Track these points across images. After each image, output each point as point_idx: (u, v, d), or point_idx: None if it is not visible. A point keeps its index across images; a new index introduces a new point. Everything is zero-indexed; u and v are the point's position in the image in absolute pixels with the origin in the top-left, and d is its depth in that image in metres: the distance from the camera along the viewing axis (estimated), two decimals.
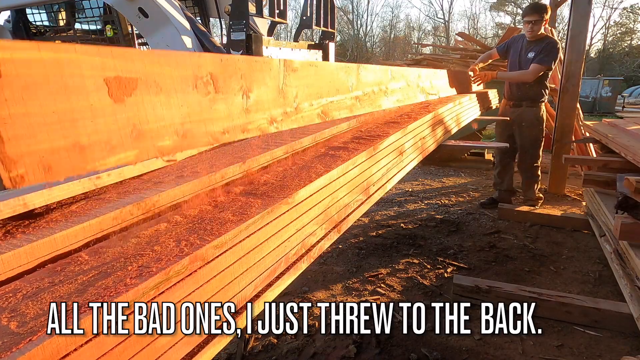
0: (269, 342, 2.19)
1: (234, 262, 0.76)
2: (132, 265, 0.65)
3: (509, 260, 3.13)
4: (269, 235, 0.87)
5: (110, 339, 0.54)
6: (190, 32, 2.96)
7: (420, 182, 5.41)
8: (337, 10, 22.90)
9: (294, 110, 1.04)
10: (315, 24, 3.22)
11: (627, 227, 2.20)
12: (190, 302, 0.67)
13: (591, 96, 15.43)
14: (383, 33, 35.70)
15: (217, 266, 0.72)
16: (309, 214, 1.02)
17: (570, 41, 4.44)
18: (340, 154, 1.33)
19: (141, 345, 0.58)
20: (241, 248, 0.79)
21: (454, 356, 2.10)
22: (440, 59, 6.81)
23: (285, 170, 1.17)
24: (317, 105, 1.16)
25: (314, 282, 2.80)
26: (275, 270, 0.90)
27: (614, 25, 31.44)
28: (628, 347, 2.15)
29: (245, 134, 0.86)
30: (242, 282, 0.79)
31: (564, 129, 4.61)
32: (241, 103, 0.85)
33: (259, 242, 0.84)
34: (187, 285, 0.66)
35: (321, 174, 1.10)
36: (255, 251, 0.83)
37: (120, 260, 0.67)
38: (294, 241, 0.96)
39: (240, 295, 0.78)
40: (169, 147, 0.68)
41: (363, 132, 1.71)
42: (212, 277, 0.71)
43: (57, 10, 3.78)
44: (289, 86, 1.02)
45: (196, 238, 0.73)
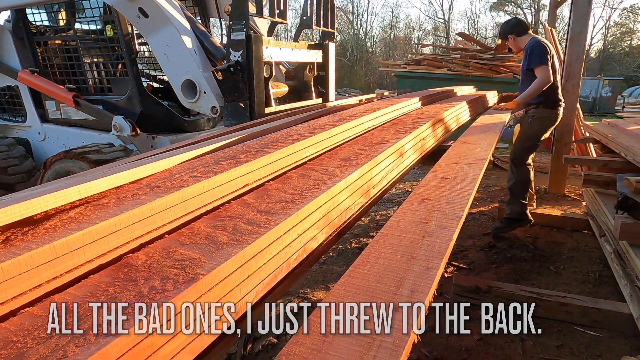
0: (269, 342, 2.19)
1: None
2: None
3: (509, 260, 3.13)
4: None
5: (114, 349, 0.53)
6: (190, 32, 2.96)
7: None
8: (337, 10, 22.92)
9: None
10: (315, 24, 3.22)
11: (627, 227, 2.20)
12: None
13: (591, 96, 15.42)
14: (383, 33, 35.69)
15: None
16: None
17: (570, 41, 4.43)
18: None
19: (144, 356, 0.57)
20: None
21: (454, 356, 2.10)
22: (440, 59, 6.81)
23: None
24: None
25: (314, 282, 2.79)
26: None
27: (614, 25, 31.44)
28: (628, 347, 2.15)
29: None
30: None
31: (564, 129, 4.60)
32: None
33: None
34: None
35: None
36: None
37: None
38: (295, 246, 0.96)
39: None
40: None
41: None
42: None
43: (57, 10, 3.78)
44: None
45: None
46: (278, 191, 1.12)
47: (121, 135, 3.24)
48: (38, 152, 3.89)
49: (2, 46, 3.73)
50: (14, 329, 0.56)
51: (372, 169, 1.43)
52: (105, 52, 3.57)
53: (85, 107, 3.43)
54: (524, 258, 3.15)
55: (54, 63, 3.79)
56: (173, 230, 0.90)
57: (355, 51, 31.79)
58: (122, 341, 0.54)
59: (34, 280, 0.66)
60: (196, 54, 2.92)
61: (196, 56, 2.91)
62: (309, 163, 1.42)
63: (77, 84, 3.63)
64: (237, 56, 2.61)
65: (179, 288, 0.65)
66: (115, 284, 0.67)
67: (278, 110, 2.87)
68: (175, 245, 0.81)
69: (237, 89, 2.66)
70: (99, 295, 0.64)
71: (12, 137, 3.85)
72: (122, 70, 3.50)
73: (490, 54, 6.47)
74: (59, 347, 0.51)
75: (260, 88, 2.71)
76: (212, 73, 2.77)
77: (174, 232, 0.89)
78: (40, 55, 3.77)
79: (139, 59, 3.55)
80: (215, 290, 0.71)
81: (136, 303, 0.60)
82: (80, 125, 3.60)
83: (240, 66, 2.60)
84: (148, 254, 0.77)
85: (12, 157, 3.54)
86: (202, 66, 2.90)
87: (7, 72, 3.73)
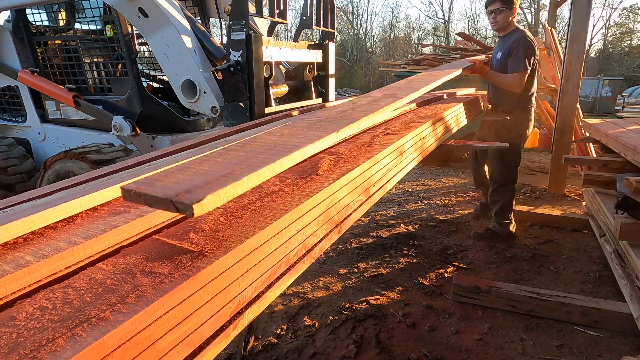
0: (269, 342, 2.19)
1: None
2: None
3: (509, 260, 3.13)
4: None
5: (110, 341, 0.53)
6: (190, 32, 2.96)
7: (420, 182, 5.40)
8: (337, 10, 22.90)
9: None
10: (315, 24, 3.22)
11: (627, 227, 2.20)
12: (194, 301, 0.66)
13: (591, 96, 15.41)
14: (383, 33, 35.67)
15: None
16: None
17: (570, 41, 4.44)
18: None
19: (142, 347, 0.58)
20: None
21: (454, 356, 2.10)
22: (440, 59, 6.80)
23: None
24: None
25: (314, 282, 2.79)
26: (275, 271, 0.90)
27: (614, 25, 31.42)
28: (628, 347, 2.15)
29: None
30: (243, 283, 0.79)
31: (564, 129, 4.61)
32: None
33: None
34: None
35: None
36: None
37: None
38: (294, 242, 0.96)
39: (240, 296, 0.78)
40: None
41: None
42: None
43: (57, 10, 3.79)
44: None
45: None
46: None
47: (121, 135, 3.24)
48: (38, 152, 3.89)
49: (2, 46, 3.74)
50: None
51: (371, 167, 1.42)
52: (105, 52, 3.57)
53: (85, 107, 3.43)
54: (524, 258, 3.15)
55: (54, 63, 3.79)
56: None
57: (355, 51, 31.78)
58: (120, 331, 0.54)
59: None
60: (196, 54, 2.92)
61: (196, 56, 2.91)
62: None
63: (77, 84, 3.63)
64: (237, 56, 2.60)
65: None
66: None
67: (278, 110, 2.87)
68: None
69: (237, 89, 2.66)
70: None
71: (12, 137, 3.85)
72: (122, 70, 3.50)
73: (490, 54, 6.46)
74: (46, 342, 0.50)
75: (260, 88, 2.71)
76: (212, 73, 2.77)
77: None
78: (40, 55, 3.77)
79: (139, 59, 3.55)
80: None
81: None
82: (80, 126, 3.61)
83: (240, 66, 2.60)
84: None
85: (12, 157, 3.55)
86: (202, 66, 2.90)
87: (7, 72, 3.73)
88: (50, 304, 0.59)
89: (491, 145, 2.82)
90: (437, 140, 2.07)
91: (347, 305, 2.52)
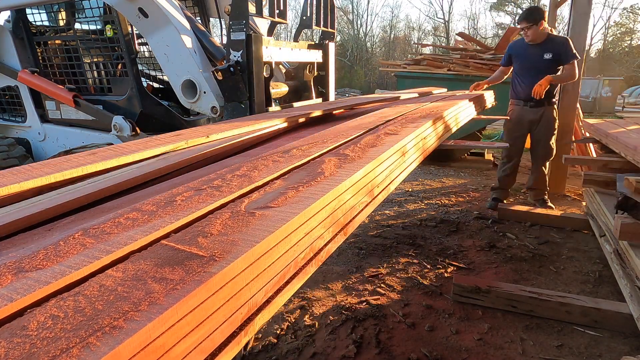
0: (269, 342, 2.19)
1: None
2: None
3: (509, 260, 3.13)
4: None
5: (125, 350, 0.53)
6: (190, 32, 2.96)
7: (420, 182, 5.41)
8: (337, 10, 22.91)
9: None
10: (315, 24, 3.22)
11: (627, 227, 2.20)
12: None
13: (591, 96, 15.43)
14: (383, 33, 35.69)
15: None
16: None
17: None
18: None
19: (156, 356, 0.57)
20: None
21: (454, 356, 2.10)
22: (440, 59, 6.80)
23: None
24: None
25: (314, 282, 2.79)
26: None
27: (614, 25, 31.43)
28: (628, 347, 2.15)
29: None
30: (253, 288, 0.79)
31: (564, 129, 4.61)
32: None
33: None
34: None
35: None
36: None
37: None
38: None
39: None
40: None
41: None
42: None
43: (57, 10, 3.79)
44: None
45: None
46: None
47: (121, 135, 3.24)
48: (38, 152, 3.89)
49: (2, 46, 3.73)
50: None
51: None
52: (105, 52, 3.57)
53: (85, 107, 3.43)
54: (524, 258, 3.16)
55: (54, 63, 3.79)
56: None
57: (355, 51, 31.80)
58: (135, 340, 0.54)
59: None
60: (196, 54, 2.92)
61: (196, 56, 2.91)
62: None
63: (77, 84, 3.63)
64: (237, 56, 2.60)
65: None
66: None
67: (278, 110, 2.87)
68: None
69: (237, 89, 2.66)
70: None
71: (12, 137, 3.85)
72: (122, 70, 3.50)
73: (490, 54, 6.45)
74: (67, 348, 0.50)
75: (260, 88, 2.71)
76: (212, 73, 2.77)
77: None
78: (40, 55, 3.77)
79: (139, 59, 3.55)
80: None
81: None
82: (80, 125, 3.60)
83: (240, 66, 2.60)
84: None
85: (12, 157, 3.54)
86: (202, 66, 2.90)
87: (7, 72, 3.73)
88: (61, 312, 0.58)
89: (491, 145, 2.84)
90: (438, 138, 2.07)
91: (347, 305, 2.52)
